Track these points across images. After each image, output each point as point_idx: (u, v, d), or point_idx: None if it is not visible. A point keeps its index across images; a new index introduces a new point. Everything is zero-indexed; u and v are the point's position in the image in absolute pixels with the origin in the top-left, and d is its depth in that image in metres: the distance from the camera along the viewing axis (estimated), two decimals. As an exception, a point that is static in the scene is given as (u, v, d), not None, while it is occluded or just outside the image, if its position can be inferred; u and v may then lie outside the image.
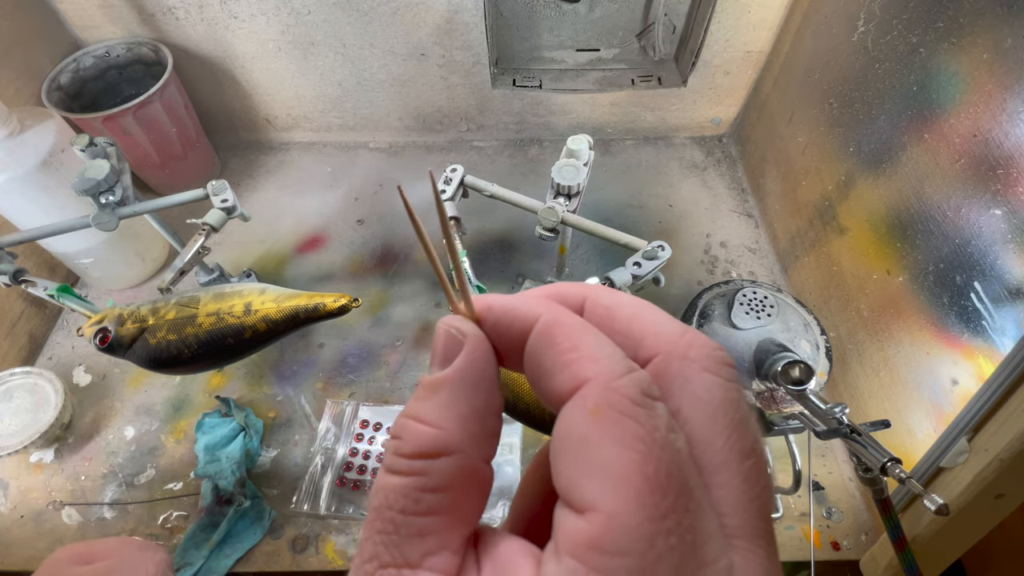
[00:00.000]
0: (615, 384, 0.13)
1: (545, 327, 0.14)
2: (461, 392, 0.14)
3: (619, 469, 0.12)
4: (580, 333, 0.14)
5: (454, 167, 0.63)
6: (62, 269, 0.82)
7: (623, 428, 0.12)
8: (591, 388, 0.13)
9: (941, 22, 0.52)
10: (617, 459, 0.12)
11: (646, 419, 0.12)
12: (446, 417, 0.14)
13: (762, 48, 0.88)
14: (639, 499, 0.11)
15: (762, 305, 0.58)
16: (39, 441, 0.64)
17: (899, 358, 0.59)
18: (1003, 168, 0.46)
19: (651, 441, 0.12)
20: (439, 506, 0.13)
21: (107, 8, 0.81)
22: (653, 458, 0.12)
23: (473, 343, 0.15)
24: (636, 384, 0.13)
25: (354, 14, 0.82)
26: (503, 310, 0.15)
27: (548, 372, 0.14)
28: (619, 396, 0.12)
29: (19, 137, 0.64)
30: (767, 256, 0.86)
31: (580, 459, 0.12)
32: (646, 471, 0.12)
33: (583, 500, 0.12)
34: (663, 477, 0.12)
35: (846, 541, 0.62)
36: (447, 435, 0.14)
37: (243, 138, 1.01)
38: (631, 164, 0.99)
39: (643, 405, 0.12)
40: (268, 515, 0.62)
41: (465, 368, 0.15)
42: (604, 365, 0.13)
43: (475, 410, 0.14)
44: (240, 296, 0.55)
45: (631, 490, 0.11)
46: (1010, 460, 0.42)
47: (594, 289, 0.16)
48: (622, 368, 0.13)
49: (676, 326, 0.15)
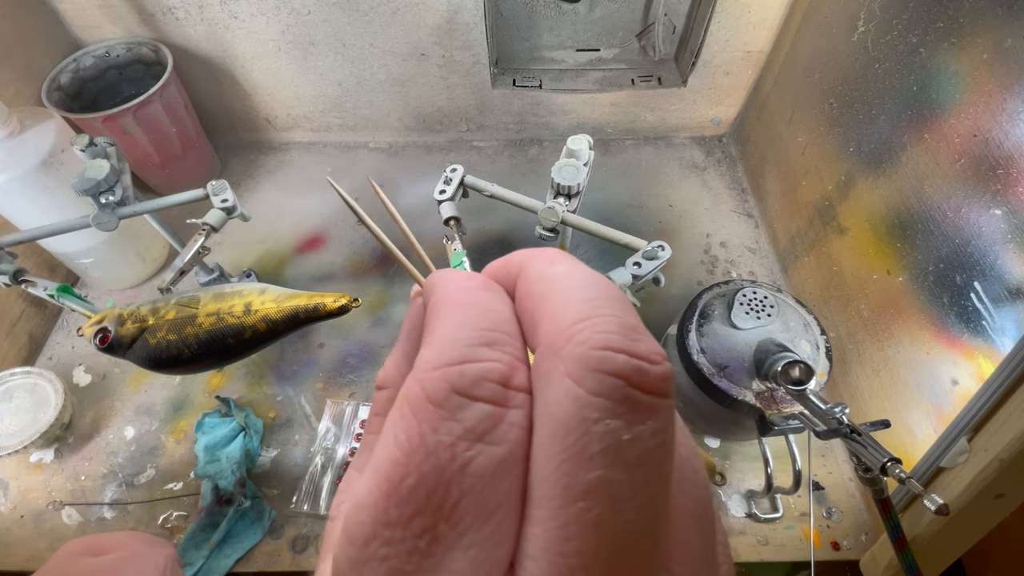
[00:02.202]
0: (423, 375, 0.11)
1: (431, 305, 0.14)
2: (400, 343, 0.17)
3: (377, 464, 0.11)
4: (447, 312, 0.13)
5: (454, 167, 0.63)
6: (62, 269, 0.82)
7: (401, 424, 0.11)
8: (411, 375, 0.12)
9: (941, 22, 0.52)
10: (380, 453, 0.11)
11: (429, 421, 0.11)
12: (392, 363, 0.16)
13: (762, 48, 0.88)
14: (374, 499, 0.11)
15: (762, 305, 0.58)
16: (39, 441, 0.64)
17: (899, 358, 0.59)
18: (1003, 168, 0.46)
19: (416, 447, 0.11)
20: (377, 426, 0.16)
21: (107, 8, 0.81)
22: (406, 465, 0.11)
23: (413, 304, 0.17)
24: (445, 379, 0.11)
25: (354, 14, 0.82)
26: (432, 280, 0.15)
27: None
28: (418, 389, 0.11)
29: (19, 137, 0.64)
30: (767, 256, 0.86)
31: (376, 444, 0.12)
32: (394, 474, 0.11)
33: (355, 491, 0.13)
34: (407, 488, 0.10)
35: (846, 541, 0.62)
36: (383, 373, 0.16)
37: (243, 138, 1.01)
38: (631, 164, 0.99)
39: (440, 404, 0.11)
40: (268, 515, 0.62)
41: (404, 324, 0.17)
42: (434, 351, 0.12)
43: (405, 353, 0.16)
44: (240, 296, 0.55)
45: (373, 488, 0.11)
46: (1010, 460, 0.42)
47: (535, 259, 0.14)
48: (449, 358, 0.11)
49: (577, 310, 0.12)
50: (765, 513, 0.62)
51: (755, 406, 0.54)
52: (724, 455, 0.67)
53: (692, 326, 0.59)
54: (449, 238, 0.61)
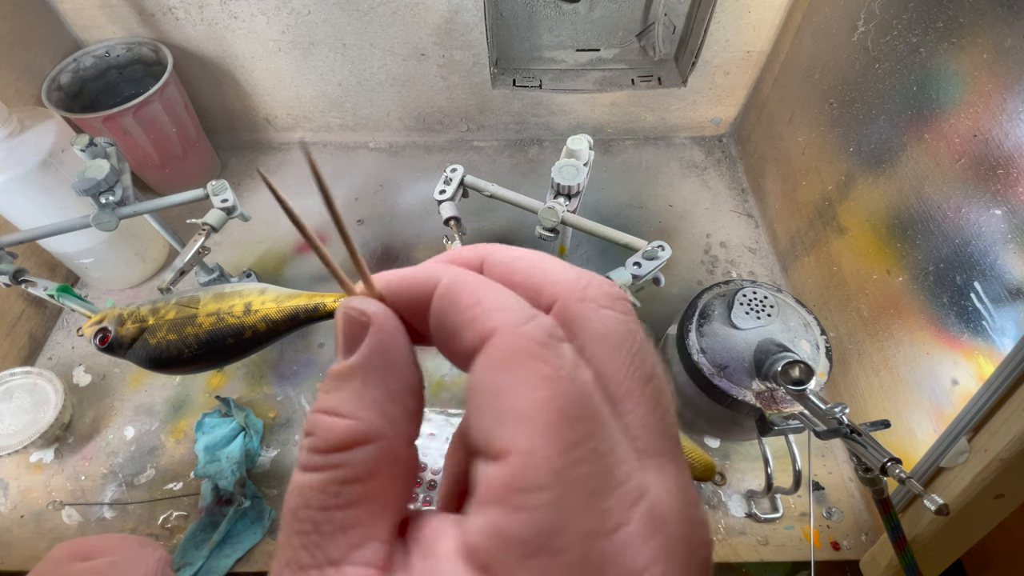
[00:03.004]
0: (520, 330, 0.13)
1: (445, 288, 0.14)
2: (373, 376, 0.14)
3: (529, 410, 0.12)
4: (481, 288, 0.14)
5: (454, 167, 0.63)
6: (62, 269, 0.82)
7: (531, 370, 0.12)
8: (498, 338, 0.13)
9: (941, 22, 0.52)
10: (527, 401, 0.12)
11: (552, 359, 0.12)
12: (360, 405, 0.13)
13: (762, 48, 0.88)
14: (548, 434, 0.12)
15: (762, 305, 0.58)
16: (39, 441, 0.64)
17: (899, 358, 0.59)
18: (1003, 168, 0.46)
19: (557, 378, 0.12)
20: (362, 496, 0.13)
21: (107, 8, 0.81)
22: (560, 393, 0.12)
23: (379, 321, 0.14)
24: (541, 328, 0.13)
25: (354, 14, 0.82)
26: (401, 282, 0.15)
27: (454, 332, 0.14)
28: (525, 341, 0.12)
29: (19, 137, 0.64)
30: (767, 256, 0.86)
31: (493, 409, 0.12)
32: (554, 406, 0.12)
33: (498, 445, 0.12)
34: (572, 410, 0.12)
35: (846, 541, 0.62)
36: (363, 424, 0.13)
37: (243, 138, 1.01)
38: (631, 164, 0.99)
39: (548, 346, 0.13)
40: (268, 515, 0.62)
41: (374, 350, 0.14)
42: (508, 315, 0.13)
43: (391, 392, 0.14)
44: (240, 296, 0.55)
45: (541, 426, 0.12)
46: (1010, 460, 0.42)
47: (492, 248, 0.16)
48: (525, 315, 0.13)
49: (572, 271, 0.15)
50: (765, 513, 0.62)
51: (755, 406, 0.54)
52: (724, 455, 0.67)
53: (692, 326, 0.59)
54: (449, 238, 0.61)
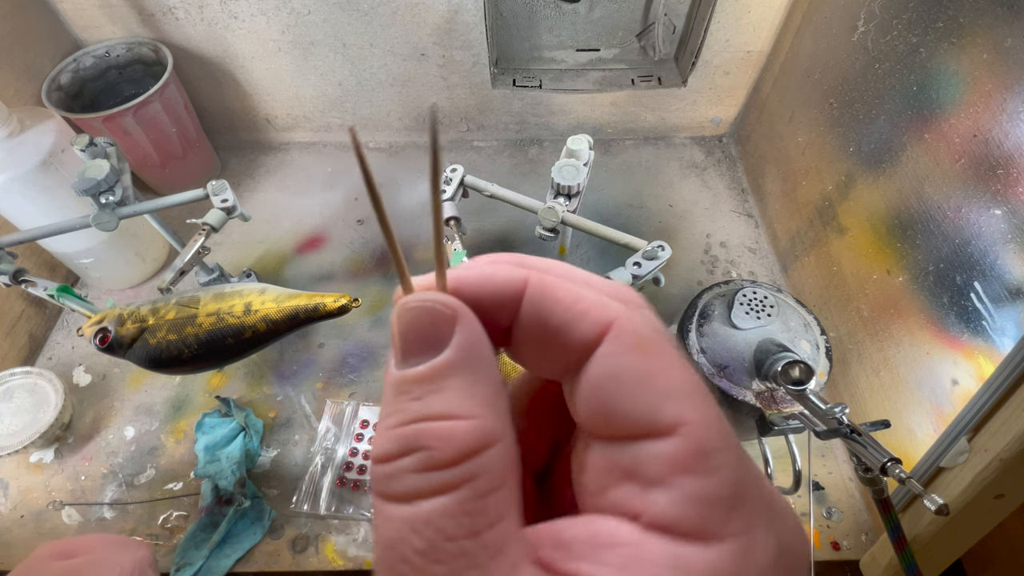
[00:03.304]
0: (636, 321, 0.14)
1: (540, 288, 0.14)
2: (477, 372, 0.12)
3: (686, 386, 0.13)
4: (572, 285, 0.14)
5: (454, 167, 0.63)
6: (62, 269, 0.82)
7: (669, 353, 0.13)
8: (624, 326, 0.13)
9: (941, 22, 0.52)
10: (680, 379, 0.13)
11: (672, 342, 0.14)
12: (476, 403, 0.12)
13: (762, 48, 0.88)
14: (708, 403, 0.13)
15: (762, 305, 0.58)
16: (39, 441, 0.64)
17: (899, 358, 0.59)
18: (1003, 168, 0.46)
19: (688, 362, 0.14)
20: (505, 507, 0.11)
21: (107, 8, 0.81)
22: (693, 371, 0.13)
23: (468, 315, 0.13)
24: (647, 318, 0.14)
25: (354, 14, 0.82)
26: (479, 279, 0.14)
27: (561, 328, 0.14)
28: (650, 331, 0.14)
29: (19, 137, 0.64)
30: (767, 256, 0.86)
31: (648, 389, 0.13)
32: (696, 380, 0.13)
33: (668, 421, 0.12)
34: (702, 383, 0.13)
35: (846, 541, 0.62)
36: (486, 422, 0.12)
37: (243, 138, 1.01)
38: (631, 164, 0.99)
39: (665, 335, 0.14)
40: (268, 515, 0.62)
41: (472, 344, 0.13)
42: (616, 307, 0.14)
43: (497, 387, 0.13)
44: (240, 296, 0.55)
45: (702, 398, 0.13)
46: (1010, 460, 0.42)
47: (525, 256, 0.16)
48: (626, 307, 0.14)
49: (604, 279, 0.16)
50: (765, 513, 0.62)
51: (755, 406, 0.54)
52: (724, 455, 0.67)
53: (692, 326, 0.59)
54: (449, 238, 0.61)
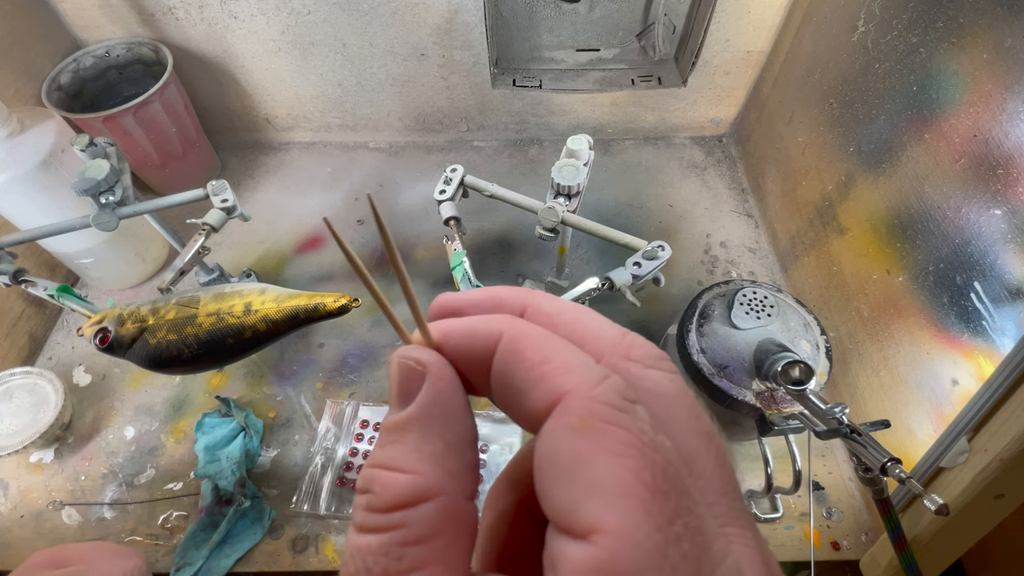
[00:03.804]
0: (595, 393, 0.12)
1: (510, 343, 0.13)
2: (431, 428, 0.13)
3: (617, 482, 0.11)
4: (546, 344, 0.13)
5: (454, 167, 0.63)
6: (62, 269, 0.82)
7: (613, 437, 0.11)
8: (572, 400, 0.12)
9: (941, 22, 0.52)
10: (613, 471, 0.11)
11: (632, 423, 0.12)
12: (419, 459, 0.13)
13: (762, 48, 0.88)
14: (643, 509, 0.11)
15: (762, 305, 0.58)
16: (39, 441, 0.64)
17: (899, 358, 0.59)
18: (1003, 168, 0.46)
19: (642, 445, 0.11)
20: (427, 558, 0.12)
21: (107, 8, 0.81)
22: (648, 462, 0.11)
23: (436, 372, 0.14)
24: (615, 390, 0.12)
25: (354, 14, 0.82)
26: (462, 332, 0.14)
27: (520, 390, 0.13)
28: (601, 405, 0.12)
29: (19, 137, 0.64)
30: (767, 256, 0.86)
31: (573, 479, 0.11)
32: (644, 478, 0.11)
33: (584, 523, 0.11)
34: (662, 480, 0.11)
35: (846, 541, 0.62)
36: (424, 478, 0.12)
37: (243, 138, 1.01)
38: (631, 164, 0.99)
39: (626, 410, 0.12)
40: (268, 515, 0.62)
41: (431, 401, 0.13)
42: (579, 374, 0.12)
43: (450, 445, 0.13)
44: (240, 296, 0.55)
45: (633, 501, 0.11)
46: (1010, 460, 0.42)
47: (533, 295, 0.15)
48: (597, 375, 0.12)
49: (616, 329, 0.15)
50: (765, 513, 0.62)
51: (755, 406, 0.54)
52: (724, 455, 0.67)
53: (692, 326, 0.59)
54: (449, 238, 0.61)
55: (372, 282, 0.14)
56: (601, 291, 0.54)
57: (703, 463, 0.13)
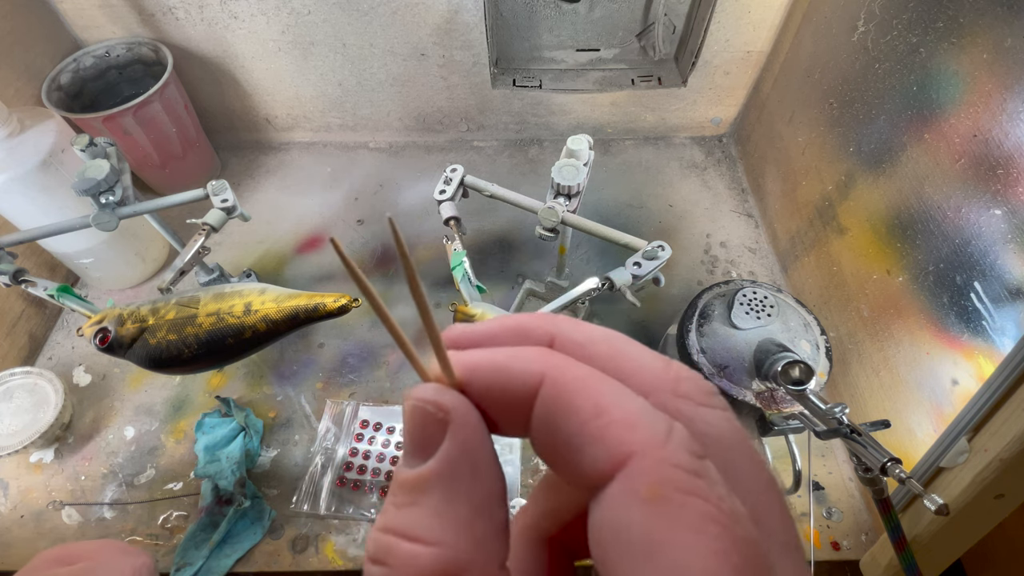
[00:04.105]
0: (665, 454, 0.10)
1: (555, 389, 0.12)
2: (456, 487, 0.11)
3: (703, 568, 0.09)
4: (599, 389, 0.12)
5: (454, 167, 0.63)
6: (62, 269, 0.82)
7: (693, 510, 0.10)
8: (640, 464, 0.10)
9: (941, 22, 0.52)
10: (699, 556, 0.10)
11: (710, 491, 0.10)
12: (443, 527, 0.11)
13: (762, 48, 0.88)
14: None
15: (762, 305, 0.58)
16: (39, 441, 0.64)
17: (899, 358, 0.59)
18: (1003, 168, 0.46)
19: (725, 519, 0.10)
20: None
21: (107, 8, 0.81)
22: (733, 540, 0.10)
23: (461, 419, 0.12)
24: (684, 447, 0.11)
25: (354, 14, 0.82)
26: (492, 370, 0.12)
27: (573, 446, 0.11)
28: (674, 469, 0.10)
29: (19, 137, 0.64)
30: (767, 256, 0.86)
31: (651, 561, 0.10)
32: (733, 561, 0.10)
33: None
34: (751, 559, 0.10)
35: (846, 541, 0.62)
36: (452, 551, 0.11)
37: (243, 138, 1.01)
38: (631, 164, 0.99)
39: (700, 474, 0.10)
40: (268, 515, 0.62)
41: (455, 455, 0.11)
42: (644, 430, 0.11)
43: (478, 507, 0.11)
44: (240, 296, 0.55)
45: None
46: (1010, 460, 0.42)
47: (560, 322, 0.14)
48: (663, 428, 0.11)
49: (659, 360, 0.13)
50: (765, 513, 0.62)
51: (755, 406, 0.54)
52: (724, 455, 0.67)
53: (692, 326, 0.59)
54: (449, 238, 0.61)
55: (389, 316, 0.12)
56: (601, 291, 0.54)
57: (772, 521, 0.11)
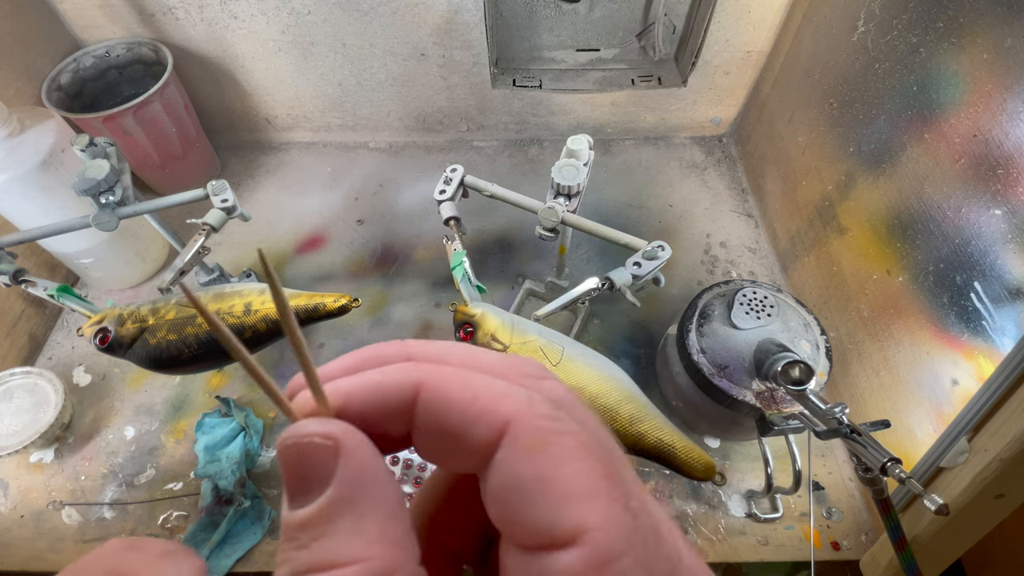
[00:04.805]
0: (533, 412, 0.12)
1: (433, 390, 0.13)
2: (361, 506, 0.12)
3: (585, 483, 0.12)
4: (468, 381, 0.13)
5: (454, 167, 0.63)
6: (62, 269, 0.82)
7: (565, 446, 0.12)
8: (518, 425, 0.12)
9: (941, 22, 0.52)
10: (579, 477, 0.12)
11: (572, 428, 0.12)
12: (361, 543, 0.11)
13: (762, 48, 0.88)
14: (611, 498, 0.12)
15: (762, 305, 0.58)
16: (39, 441, 0.64)
17: (899, 358, 0.59)
18: (1003, 168, 0.46)
19: (586, 445, 0.12)
20: None
21: (107, 8, 0.81)
22: (596, 458, 0.12)
23: (352, 442, 0.12)
24: (545, 403, 0.13)
25: (354, 14, 0.82)
26: (368, 391, 0.13)
27: (457, 433, 0.13)
28: (544, 420, 0.12)
29: (19, 137, 0.64)
30: (767, 256, 0.86)
31: (545, 496, 0.12)
32: (599, 472, 0.12)
33: (568, 530, 0.11)
34: (611, 468, 0.12)
35: (846, 541, 0.62)
36: (378, 561, 0.11)
37: (243, 138, 1.01)
38: (631, 164, 0.99)
39: (561, 419, 0.12)
40: (268, 515, 0.62)
41: (354, 477, 0.12)
42: (513, 401, 0.13)
43: (387, 515, 0.12)
44: (240, 296, 0.55)
45: (602, 495, 0.12)
46: (1010, 460, 0.42)
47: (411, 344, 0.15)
48: (525, 396, 0.13)
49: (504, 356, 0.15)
50: (765, 513, 0.62)
51: (755, 406, 0.54)
52: (724, 455, 0.67)
53: (692, 326, 0.59)
54: (449, 238, 0.61)
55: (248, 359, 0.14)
56: (601, 291, 0.54)
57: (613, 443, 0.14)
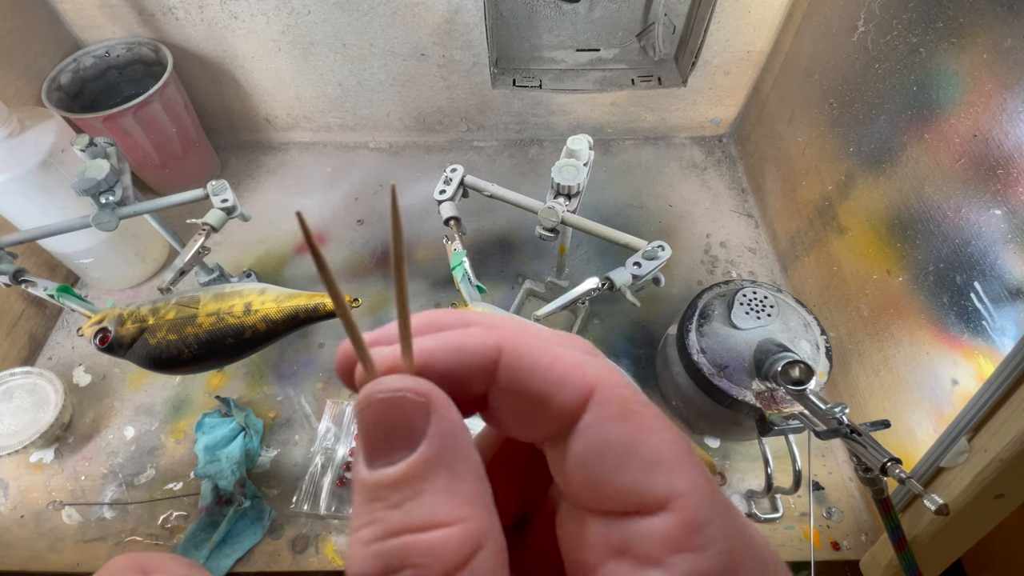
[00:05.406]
0: (615, 381, 0.13)
1: (517, 353, 0.13)
2: (457, 464, 0.11)
3: (672, 451, 0.12)
4: (547, 347, 0.13)
5: (454, 167, 0.63)
6: (62, 269, 0.82)
7: (652, 418, 0.12)
8: (605, 392, 0.12)
9: (941, 22, 0.52)
10: (666, 445, 0.12)
11: (650, 403, 0.13)
12: (460, 502, 0.11)
13: (762, 48, 0.88)
14: (696, 467, 0.12)
15: (762, 305, 0.58)
16: (39, 441, 0.64)
17: (899, 358, 0.59)
18: (1003, 168, 0.46)
19: (665, 418, 0.13)
20: None
21: (107, 8, 0.81)
22: (675, 431, 0.12)
23: (443, 400, 0.12)
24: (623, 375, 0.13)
25: (354, 14, 0.82)
26: (449, 351, 0.13)
27: (541, 396, 0.12)
28: (628, 390, 0.13)
29: (19, 137, 0.64)
30: (767, 256, 0.86)
31: (637, 462, 0.12)
32: (683, 443, 0.12)
33: (659, 495, 0.11)
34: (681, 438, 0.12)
35: (846, 541, 0.62)
36: (476, 522, 0.11)
37: (243, 138, 1.01)
38: (631, 164, 0.99)
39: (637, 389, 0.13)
40: (268, 515, 0.62)
41: (448, 434, 0.12)
42: (595, 370, 0.13)
43: (478, 475, 0.12)
44: (240, 296, 0.55)
45: (688, 463, 0.12)
46: (1010, 460, 0.42)
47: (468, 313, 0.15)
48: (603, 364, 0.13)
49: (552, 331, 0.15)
50: (765, 513, 0.62)
51: (755, 406, 0.54)
52: (724, 455, 0.67)
53: (692, 326, 0.59)
54: (449, 238, 0.61)
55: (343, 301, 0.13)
56: (601, 291, 0.54)
57: None
